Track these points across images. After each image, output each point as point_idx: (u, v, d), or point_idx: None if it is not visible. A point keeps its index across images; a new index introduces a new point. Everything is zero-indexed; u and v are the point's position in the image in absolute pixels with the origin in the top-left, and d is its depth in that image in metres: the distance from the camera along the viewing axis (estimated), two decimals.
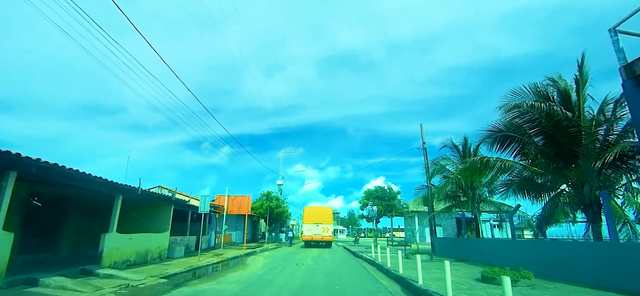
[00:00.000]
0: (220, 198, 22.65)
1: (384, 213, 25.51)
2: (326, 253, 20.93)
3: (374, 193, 19.69)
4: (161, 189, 22.25)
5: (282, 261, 15.08)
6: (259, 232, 37.73)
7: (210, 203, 21.83)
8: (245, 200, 22.56)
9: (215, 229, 22.76)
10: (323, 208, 29.98)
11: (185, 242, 17.48)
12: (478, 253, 14.86)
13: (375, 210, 19.52)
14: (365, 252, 20.88)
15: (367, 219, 27.19)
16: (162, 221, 14.37)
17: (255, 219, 35.42)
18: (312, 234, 26.89)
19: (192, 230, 21.28)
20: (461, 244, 17.93)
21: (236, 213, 22.62)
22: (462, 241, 19.67)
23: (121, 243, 10.83)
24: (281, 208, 34.52)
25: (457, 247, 17.94)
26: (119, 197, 10.65)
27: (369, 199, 25.80)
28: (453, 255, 17.64)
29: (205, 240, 20.86)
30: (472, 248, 15.79)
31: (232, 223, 27.78)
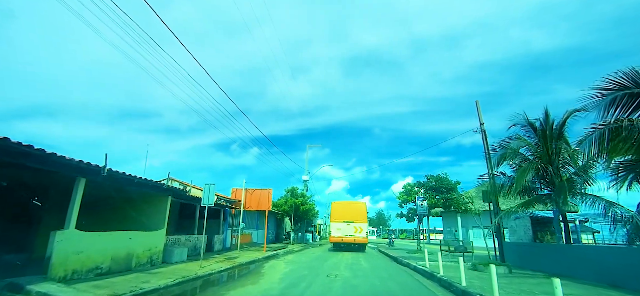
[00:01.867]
0: (237, 191, 19.59)
1: (434, 209, 21.34)
2: (362, 259, 17.25)
3: (425, 184, 15.83)
4: (171, 181, 19.50)
5: (308, 270, 11.61)
6: (283, 232, 34.63)
7: (225, 197, 18.78)
8: (265, 194, 19.37)
9: (232, 227, 19.74)
10: (355, 203, 25.64)
11: (192, 242, 14.46)
12: (581, 266, 10.59)
13: (425, 206, 15.62)
14: (410, 258, 16.97)
15: (408, 219, 23.31)
16: (157, 216, 11.35)
17: (279, 218, 32.32)
18: (342, 235, 22.74)
19: (203, 228, 18.41)
20: (549, 252, 13.50)
21: (255, 208, 19.50)
22: (550, 248, 14.75)
23: (85, 245, 7.79)
24: (307, 205, 31.18)
25: (538, 255, 13.64)
26: (80, 181, 7.60)
27: (411, 195, 21.83)
28: (534, 266, 13.40)
29: (219, 240, 17.85)
30: (570, 258, 11.49)
31: (252, 220, 24.77)
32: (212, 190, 11.46)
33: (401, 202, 22.83)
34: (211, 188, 11.47)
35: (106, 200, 10.42)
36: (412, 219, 23.64)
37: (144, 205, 11.29)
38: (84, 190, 7.77)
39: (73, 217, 7.41)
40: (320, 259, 16.48)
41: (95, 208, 10.17)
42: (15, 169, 7.32)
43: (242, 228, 18.32)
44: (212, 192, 11.43)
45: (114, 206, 10.77)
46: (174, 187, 11.07)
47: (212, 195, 11.39)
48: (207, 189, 11.45)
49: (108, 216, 10.45)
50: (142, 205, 11.29)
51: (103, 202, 10.32)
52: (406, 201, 22.36)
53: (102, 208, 10.42)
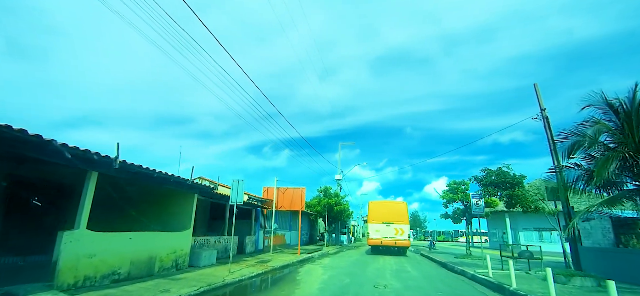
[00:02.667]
0: (268, 190, 18.52)
1: (488, 208, 18.90)
2: (407, 264, 15.44)
3: (482, 179, 13.72)
4: (201, 180, 18.78)
5: (350, 277, 10.09)
6: (317, 233, 33.34)
7: (256, 197, 17.76)
8: (298, 193, 18.11)
9: (264, 228, 18.69)
10: (395, 203, 23.32)
11: (222, 244, 13.47)
12: None
13: (481, 205, 13.49)
14: (462, 264, 14.92)
15: (454, 220, 21.02)
16: (182, 215, 10.38)
17: (313, 219, 31.08)
18: (381, 237, 20.91)
19: (232, 229, 17.50)
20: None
21: (287, 208, 18.31)
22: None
23: (99, 247, 6.84)
24: (341, 205, 29.60)
25: (627, 264, 11.14)
26: (90, 175, 6.65)
27: (458, 193, 19.54)
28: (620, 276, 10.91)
29: (251, 242, 16.83)
30: None
31: (285, 221, 23.67)
32: (241, 187, 10.30)
33: (446, 201, 20.60)
34: (240, 184, 10.32)
35: (127, 199, 9.58)
36: (459, 220, 21.32)
37: (168, 204, 10.37)
38: (98, 186, 6.83)
39: (84, 216, 6.46)
40: (360, 264, 14.90)
41: (113, 207, 9.37)
42: (25, 165, 6.50)
43: (274, 229, 17.19)
44: (241, 189, 10.27)
45: (135, 205, 9.92)
46: (200, 184, 10.06)
47: (241, 192, 10.23)
48: (236, 185, 10.31)
49: (129, 216, 9.60)
50: (165, 204, 10.39)
51: (123, 201, 9.47)
52: (452, 200, 20.12)
53: (122, 207, 9.60)
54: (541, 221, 35.05)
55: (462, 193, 19.85)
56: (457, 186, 20.34)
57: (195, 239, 11.50)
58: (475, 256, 19.29)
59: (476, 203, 13.44)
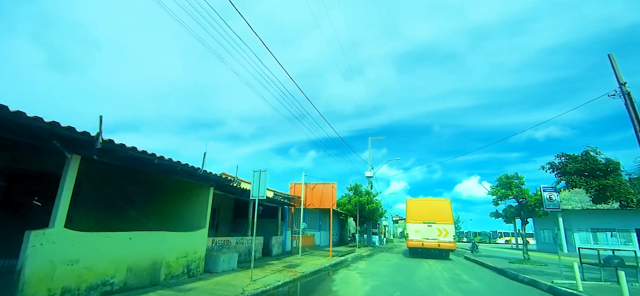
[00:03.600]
0: (296, 186, 16.87)
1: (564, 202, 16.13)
2: (459, 271, 13.18)
3: (562, 167, 11.03)
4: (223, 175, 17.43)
5: (398, 290, 8.11)
6: (347, 233, 31.39)
7: (283, 194, 16.13)
8: (329, 190, 16.30)
9: (291, 227, 17.04)
10: (437, 200, 20.62)
11: (245, 246, 11.93)
12: None
13: (557, 200, 10.91)
14: (526, 271, 12.44)
15: (506, 220, 18.37)
16: (196, 212, 8.90)
17: (343, 218, 29.17)
18: (421, 239, 18.63)
19: (259, 229, 15.96)
20: None
21: (317, 206, 16.55)
22: None
23: (84, 251, 5.38)
24: (373, 204, 27.47)
25: None
26: (71, 160, 5.19)
27: (512, 188, 16.87)
28: None
29: (278, 243, 15.24)
30: None
31: (313, 221, 21.96)
32: (264, 179, 8.63)
33: (496, 198, 17.96)
34: (262, 176, 8.66)
35: (127, 197, 8.19)
36: (511, 219, 18.64)
37: (178, 199, 8.93)
38: (91, 180, 5.37)
39: (60, 211, 5.00)
40: (403, 269, 12.85)
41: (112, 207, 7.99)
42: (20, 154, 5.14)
43: (303, 228, 15.52)
44: (264, 181, 8.60)
45: (139, 204, 8.54)
46: (216, 175, 8.50)
47: (263, 185, 8.56)
48: (257, 177, 8.66)
49: (130, 217, 8.21)
50: (176, 199, 8.95)
51: (123, 199, 8.09)
52: (504, 196, 17.47)
53: (122, 207, 8.22)
54: (599, 221, 30.99)
55: (517, 188, 17.17)
56: (510, 181, 17.65)
57: (213, 241, 10.00)
58: (536, 261, 16.56)
59: (549, 197, 10.94)
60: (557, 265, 16.24)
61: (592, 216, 29.09)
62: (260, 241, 13.25)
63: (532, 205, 16.52)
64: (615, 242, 29.11)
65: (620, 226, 28.60)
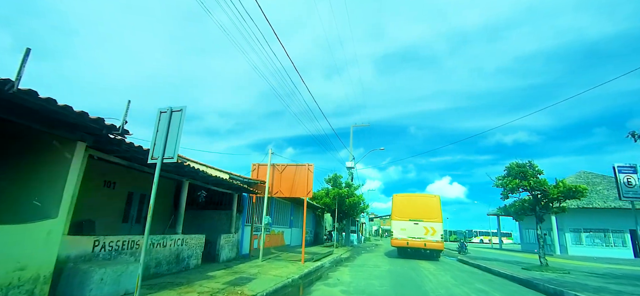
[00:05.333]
0: (259, 168, 12.78)
1: None
2: (475, 282, 9.70)
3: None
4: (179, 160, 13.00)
5: None
6: (323, 231, 27.57)
7: (240, 176, 11.98)
8: (303, 174, 12.31)
9: (253, 222, 12.89)
10: (424, 196, 18.65)
11: (169, 250, 7.73)
12: None
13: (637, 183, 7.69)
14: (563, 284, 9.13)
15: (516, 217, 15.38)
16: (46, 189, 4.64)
17: (319, 214, 25.31)
18: (407, 237, 16.89)
19: (205, 224, 11.75)
20: None
21: (287, 195, 12.52)
22: None
23: None
24: (354, 197, 23.85)
25: None
26: None
27: (528, 179, 13.75)
28: None
29: (230, 244, 11.12)
30: None
31: (284, 215, 17.91)
32: (177, 124, 4.54)
33: (506, 191, 14.80)
34: (173, 118, 4.58)
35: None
36: (521, 217, 15.64)
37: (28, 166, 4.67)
38: None
39: None
40: (403, 281, 9.21)
41: None
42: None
43: (267, 224, 11.49)
44: (177, 129, 4.51)
45: None
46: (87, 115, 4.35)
47: (175, 137, 4.48)
48: (165, 121, 4.57)
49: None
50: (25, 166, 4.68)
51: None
52: (516, 188, 14.32)
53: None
54: (592, 221, 29.12)
55: (534, 178, 14.04)
56: (523, 169, 14.50)
57: (97, 242, 5.75)
58: (556, 268, 13.50)
59: (627, 181, 7.67)
60: (584, 273, 13.36)
61: (585, 216, 27.07)
62: (198, 242, 9.07)
63: (553, 198, 13.42)
64: (621, 244, 27.18)
65: (614, 226, 26.72)
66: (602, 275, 12.71)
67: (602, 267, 16.46)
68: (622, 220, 26.33)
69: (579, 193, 12.96)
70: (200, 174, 8.09)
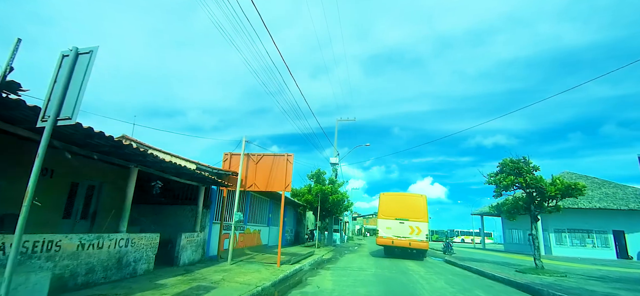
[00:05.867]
0: (232, 157, 11.29)
1: None
2: (480, 291, 8.59)
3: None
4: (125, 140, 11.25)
5: None
6: (305, 230, 26.20)
7: (208, 167, 10.47)
8: (281, 164, 10.89)
9: (223, 219, 11.33)
10: (411, 196, 18.57)
11: (106, 252, 6.17)
12: None
13: None
14: (568, 291, 8.15)
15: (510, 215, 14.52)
16: None
17: (301, 211, 23.92)
18: (392, 236, 16.83)
19: (166, 220, 10.21)
20: None
21: (263, 189, 11.06)
22: None
23: None
24: (338, 195, 22.62)
25: None
26: None
27: (524, 174, 12.88)
28: None
29: (194, 244, 9.59)
30: None
31: (261, 211, 16.40)
32: (82, 69, 3.05)
33: (500, 189, 13.89)
34: (80, 61, 3.08)
35: None
36: (514, 216, 14.78)
37: None
38: None
39: None
40: (389, 283, 8.00)
41: None
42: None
43: (237, 221, 9.96)
44: (80, 77, 3.03)
45: None
46: None
47: (77, 91, 2.99)
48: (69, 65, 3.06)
49: None
50: None
51: None
52: (511, 185, 13.42)
53: None
54: (576, 222, 29.00)
55: (530, 175, 13.16)
56: (517, 165, 13.62)
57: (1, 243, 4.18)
58: (552, 271, 12.65)
59: None
60: (582, 276, 12.58)
61: (569, 216, 26.84)
62: (149, 243, 7.52)
63: (550, 196, 12.58)
64: (603, 244, 27.11)
65: (598, 227, 26.62)
66: (600, 278, 11.95)
67: (594, 269, 15.87)
68: (605, 221, 26.25)
69: (578, 191, 12.18)
70: (150, 159, 6.55)
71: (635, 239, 25.48)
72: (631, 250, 25.46)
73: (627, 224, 25.77)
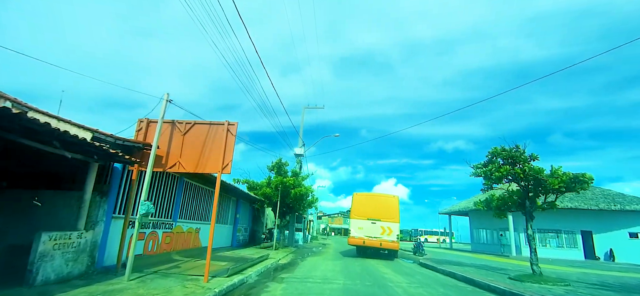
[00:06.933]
0: (150, 125, 7.94)
1: None
2: None
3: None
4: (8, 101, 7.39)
5: None
6: (262, 228, 22.97)
7: (109, 137, 7.06)
8: (219, 137, 7.76)
9: (128, 212, 7.89)
10: (383, 196, 18.47)
11: None
12: None
13: None
14: None
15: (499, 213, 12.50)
16: None
17: (258, 207, 20.64)
18: (364, 236, 16.65)
19: (40, 212, 6.69)
20: None
21: (191, 169, 7.89)
22: None
23: None
24: (302, 188, 19.63)
25: None
26: None
27: (516, 167, 10.86)
28: None
29: (72, 250, 6.22)
30: None
31: (200, 203, 13.01)
32: None
33: (490, 182, 11.78)
34: None
35: None
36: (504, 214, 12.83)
37: None
38: None
39: None
40: None
41: None
42: None
43: (144, 213, 6.71)
44: None
45: None
46: None
47: None
48: None
49: None
50: None
51: None
52: (503, 177, 11.34)
53: None
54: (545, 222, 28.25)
55: (528, 165, 11.12)
56: (511, 154, 11.56)
57: None
58: (554, 279, 10.67)
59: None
60: (583, 283, 10.78)
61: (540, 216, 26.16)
62: None
63: (553, 189, 10.57)
64: (554, 244, 26.66)
65: (567, 227, 26.06)
66: (602, 285, 10.11)
67: (578, 272, 14.40)
68: (574, 221, 25.74)
69: (583, 184, 10.24)
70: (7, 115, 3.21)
71: (602, 240, 25.21)
72: (598, 251, 25.13)
73: (594, 225, 25.45)
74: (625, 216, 24.86)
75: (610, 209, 24.02)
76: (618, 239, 24.91)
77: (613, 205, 24.12)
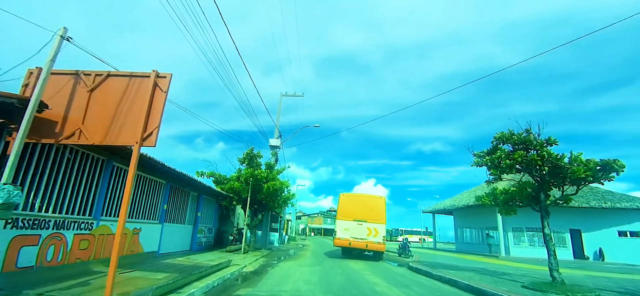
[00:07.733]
0: (51, 78, 5.33)
1: None
2: None
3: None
4: None
5: None
6: (231, 228, 20.31)
7: None
8: (142, 95, 5.33)
9: None
10: (369, 197, 18.07)
11: None
12: None
13: None
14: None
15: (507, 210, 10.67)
16: None
17: (226, 204, 17.96)
18: (349, 238, 16.02)
19: None
20: None
21: (98, 141, 5.39)
22: None
23: None
24: (276, 182, 17.18)
25: None
26: None
27: (524, 151, 9.05)
28: None
29: None
30: None
31: (147, 196, 10.31)
32: None
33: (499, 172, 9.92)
34: None
35: None
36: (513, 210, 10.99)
37: None
38: None
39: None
40: None
41: None
42: None
43: (3, 201, 4.23)
44: None
45: None
46: None
47: None
48: None
49: None
50: None
51: None
52: (508, 168, 9.50)
53: None
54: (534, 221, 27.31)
55: (544, 149, 9.28)
56: (522, 139, 9.73)
57: None
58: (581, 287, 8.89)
59: None
60: (605, 290, 9.12)
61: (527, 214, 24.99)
62: None
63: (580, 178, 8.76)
64: (542, 243, 25.65)
65: (556, 226, 24.94)
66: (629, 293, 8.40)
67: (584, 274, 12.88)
68: (562, 220, 24.69)
69: (614, 172, 8.47)
70: None
71: (591, 239, 24.33)
72: (588, 250, 24.21)
73: (583, 224, 24.54)
74: (614, 214, 24.11)
75: (601, 207, 23.09)
76: (607, 238, 24.12)
77: (603, 203, 23.23)
